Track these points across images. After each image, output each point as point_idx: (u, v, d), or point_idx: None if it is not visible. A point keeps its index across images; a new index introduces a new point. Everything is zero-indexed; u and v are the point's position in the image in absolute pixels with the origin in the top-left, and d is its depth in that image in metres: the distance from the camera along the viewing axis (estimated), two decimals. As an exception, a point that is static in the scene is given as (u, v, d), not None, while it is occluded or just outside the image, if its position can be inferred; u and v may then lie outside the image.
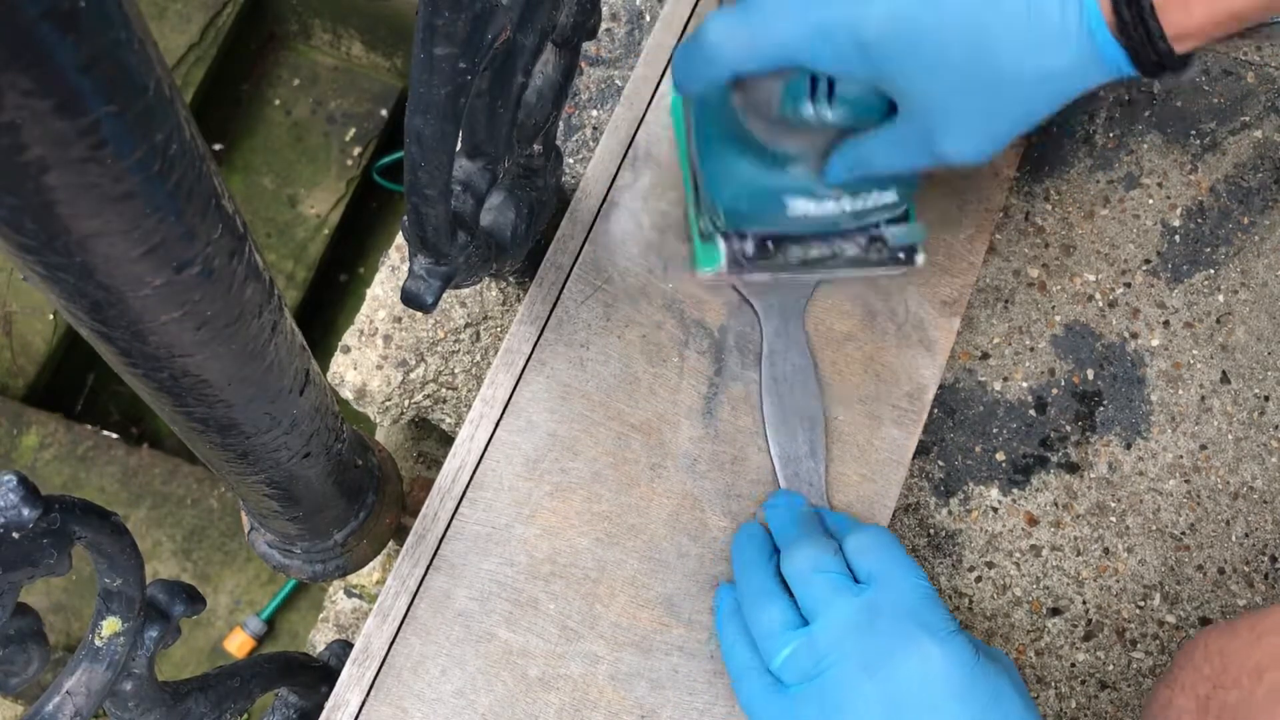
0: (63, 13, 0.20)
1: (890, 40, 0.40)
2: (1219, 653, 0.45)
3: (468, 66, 0.36)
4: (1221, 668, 0.44)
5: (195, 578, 1.46)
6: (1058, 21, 0.38)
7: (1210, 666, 0.45)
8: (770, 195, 0.50)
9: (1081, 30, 0.38)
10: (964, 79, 0.40)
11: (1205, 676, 0.44)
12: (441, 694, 0.51)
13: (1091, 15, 0.38)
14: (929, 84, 0.41)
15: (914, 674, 0.44)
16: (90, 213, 0.24)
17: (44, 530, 0.32)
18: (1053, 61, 0.39)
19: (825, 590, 0.46)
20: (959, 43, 0.40)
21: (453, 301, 0.64)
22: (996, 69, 0.40)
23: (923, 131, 0.43)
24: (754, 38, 0.42)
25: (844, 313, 0.56)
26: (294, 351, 0.38)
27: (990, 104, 0.41)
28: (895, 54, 0.40)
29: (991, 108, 0.41)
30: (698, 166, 0.53)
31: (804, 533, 0.50)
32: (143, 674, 0.43)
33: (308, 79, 1.73)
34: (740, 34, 0.43)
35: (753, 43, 0.42)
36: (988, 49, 0.39)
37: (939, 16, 0.40)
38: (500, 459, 0.54)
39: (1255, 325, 0.61)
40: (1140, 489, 0.59)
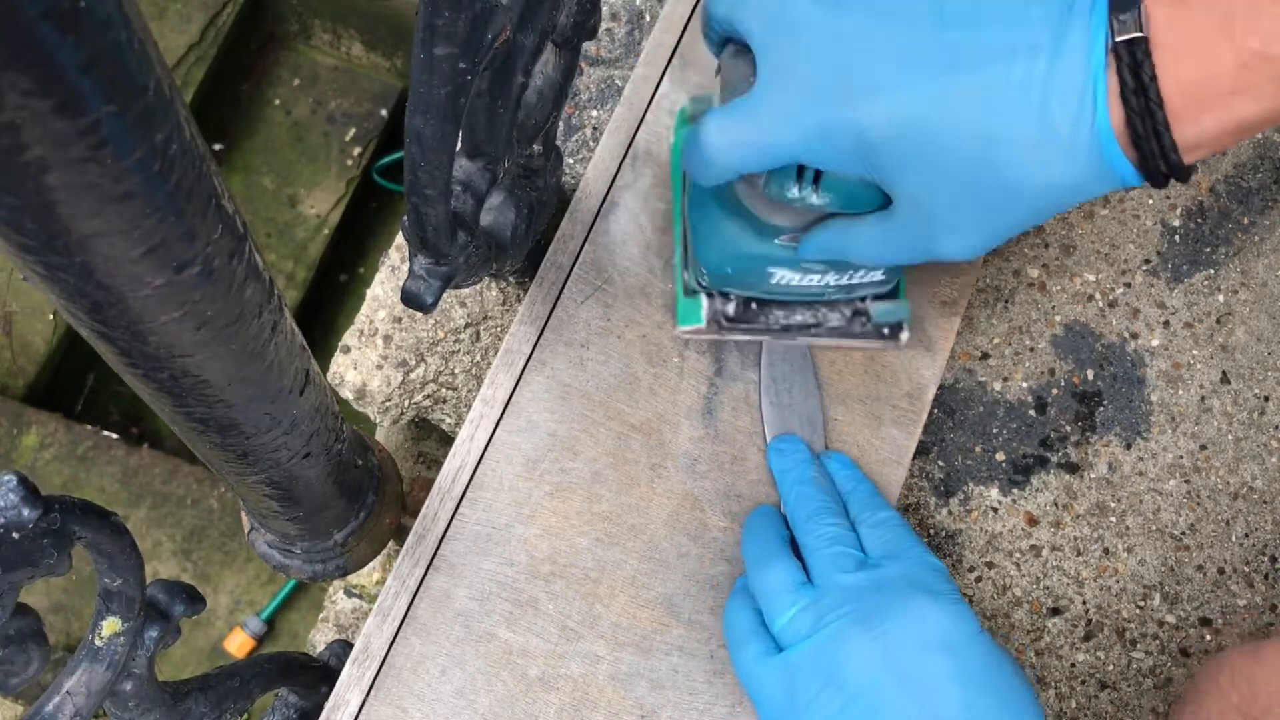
0: (63, 13, 0.20)
1: (893, 142, 0.39)
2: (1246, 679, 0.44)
3: (468, 66, 0.36)
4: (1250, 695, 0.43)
5: (195, 578, 1.46)
6: (1068, 135, 0.38)
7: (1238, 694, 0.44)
8: (755, 261, 0.49)
9: (1092, 144, 0.37)
10: (967, 184, 0.40)
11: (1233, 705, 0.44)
12: (441, 694, 0.51)
13: (1103, 129, 0.37)
14: (930, 186, 0.40)
15: (913, 631, 0.44)
16: (90, 213, 0.24)
17: (44, 530, 0.32)
18: (1061, 173, 0.38)
19: (838, 560, 0.47)
20: (964, 149, 0.39)
21: (453, 301, 0.64)
22: (1001, 177, 0.39)
23: (918, 228, 0.42)
24: (753, 142, 0.41)
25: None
26: (294, 351, 0.38)
27: (993, 207, 0.40)
28: (897, 155, 0.40)
29: (994, 211, 0.40)
30: (688, 220, 0.53)
31: (819, 503, 0.50)
32: (143, 674, 0.43)
33: (308, 79, 1.73)
34: (739, 138, 0.42)
35: (752, 147, 0.42)
36: (993, 157, 0.38)
37: (944, 123, 0.39)
38: (500, 459, 0.54)
39: (1255, 325, 0.61)
40: (1140, 489, 0.59)
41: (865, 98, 0.39)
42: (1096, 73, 0.37)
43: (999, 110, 0.38)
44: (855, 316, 0.53)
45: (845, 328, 0.53)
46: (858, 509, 0.50)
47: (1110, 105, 0.37)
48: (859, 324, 0.53)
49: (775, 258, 0.49)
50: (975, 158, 0.39)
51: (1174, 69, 0.36)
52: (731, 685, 0.52)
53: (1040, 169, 0.38)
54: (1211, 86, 0.36)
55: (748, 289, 0.52)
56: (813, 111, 0.40)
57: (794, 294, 0.52)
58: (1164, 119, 0.37)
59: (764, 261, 0.49)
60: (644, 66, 0.59)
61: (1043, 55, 0.37)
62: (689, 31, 0.60)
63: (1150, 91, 0.36)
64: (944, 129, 0.39)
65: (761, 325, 0.53)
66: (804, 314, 0.53)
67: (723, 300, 0.53)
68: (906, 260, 0.44)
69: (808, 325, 0.53)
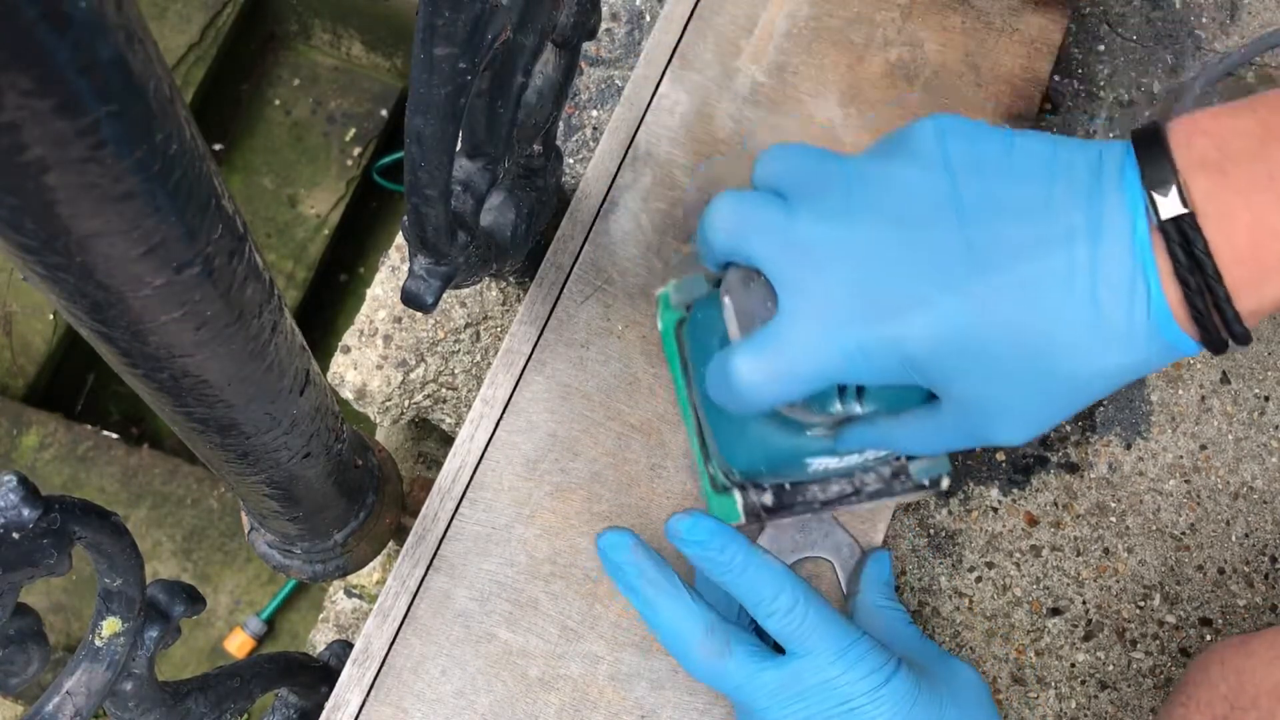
0: (63, 13, 0.20)
1: (938, 354, 0.37)
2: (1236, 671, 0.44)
3: (468, 66, 0.36)
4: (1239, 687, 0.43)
5: (195, 578, 1.46)
6: (1124, 323, 0.36)
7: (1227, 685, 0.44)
8: (790, 456, 0.47)
9: (1151, 328, 0.36)
10: (1020, 382, 0.38)
11: (1222, 695, 0.44)
12: (441, 694, 0.51)
13: (1160, 313, 0.35)
14: (982, 388, 0.38)
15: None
16: (90, 213, 0.24)
17: (44, 530, 0.32)
18: (1117, 360, 0.36)
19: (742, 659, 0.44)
20: (1014, 351, 0.37)
21: (453, 301, 0.64)
22: (1056, 371, 0.37)
23: (968, 424, 0.40)
24: (790, 374, 0.39)
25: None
26: (294, 351, 0.38)
27: (1047, 399, 0.38)
28: (944, 365, 0.37)
29: (1048, 401, 0.39)
30: (703, 417, 0.51)
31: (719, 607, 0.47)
32: (143, 674, 0.43)
33: (308, 79, 1.73)
34: (774, 372, 0.39)
35: (790, 379, 0.39)
36: (1047, 355, 0.37)
37: (988, 327, 0.36)
38: (500, 459, 0.54)
39: (1255, 325, 0.61)
40: (1140, 489, 0.59)
41: (898, 314, 0.37)
42: (1144, 254, 0.35)
43: (1044, 307, 0.36)
44: (895, 477, 0.51)
45: (886, 489, 0.51)
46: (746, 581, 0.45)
47: (1166, 286, 0.35)
48: (899, 484, 0.51)
49: (813, 450, 0.47)
50: (1027, 357, 0.37)
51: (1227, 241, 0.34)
52: (731, 685, 0.52)
53: (1098, 359, 0.36)
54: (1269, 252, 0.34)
55: (783, 478, 0.50)
56: (848, 334, 0.38)
57: (831, 474, 0.50)
58: (1225, 293, 0.35)
59: (800, 455, 0.47)
60: (644, 66, 0.59)
61: (1080, 241, 0.36)
62: (689, 31, 0.60)
63: (1207, 268, 0.34)
64: (988, 334, 0.37)
65: (801, 505, 0.51)
66: (841, 485, 0.51)
67: (757, 492, 0.51)
68: (955, 448, 0.42)
69: (847, 495, 0.51)
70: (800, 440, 0.46)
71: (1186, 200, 0.35)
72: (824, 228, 0.38)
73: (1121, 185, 0.36)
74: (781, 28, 0.60)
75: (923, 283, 0.37)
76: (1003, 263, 0.36)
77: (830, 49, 0.59)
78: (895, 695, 0.43)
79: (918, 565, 0.58)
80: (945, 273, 0.37)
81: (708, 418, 0.51)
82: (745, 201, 0.41)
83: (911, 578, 0.57)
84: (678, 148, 0.58)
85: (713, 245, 0.42)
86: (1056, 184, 0.36)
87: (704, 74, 0.59)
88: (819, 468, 0.48)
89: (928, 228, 0.37)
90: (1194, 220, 0.34)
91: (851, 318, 0.38)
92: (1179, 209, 0.35)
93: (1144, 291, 0.35)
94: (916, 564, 0.58)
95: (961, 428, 0.40)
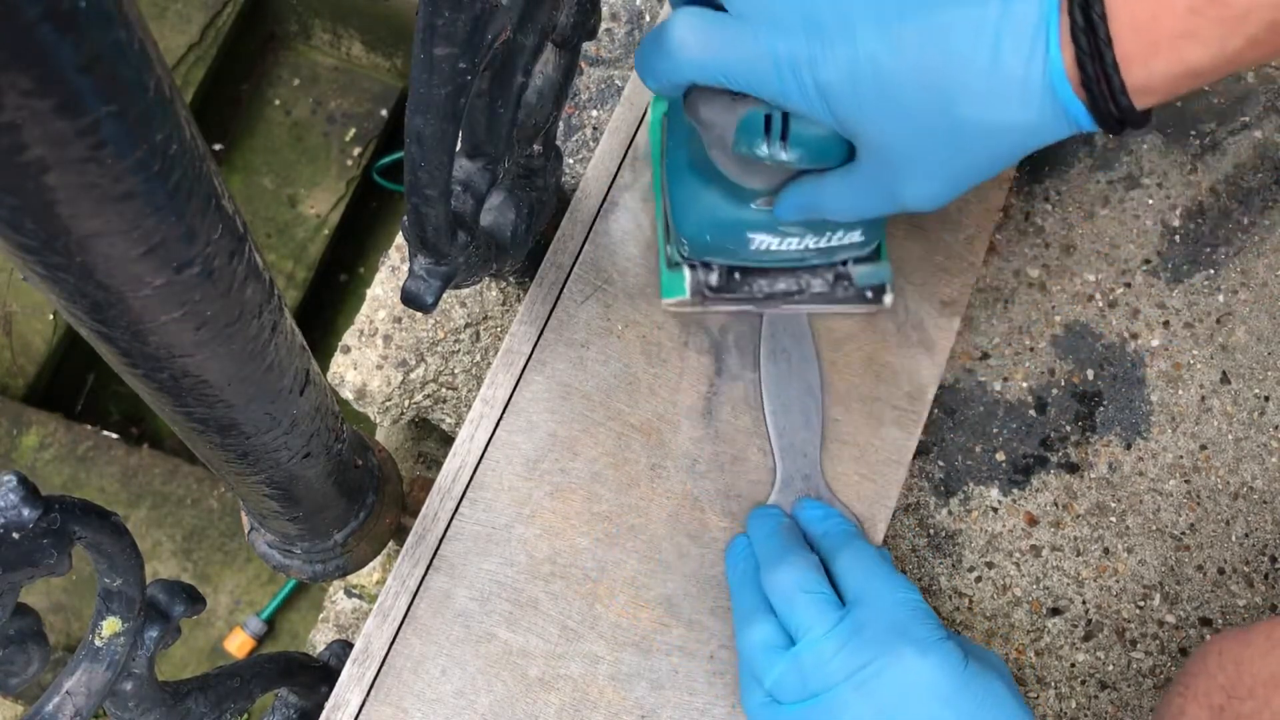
0: (63, 13, 0.20)
1: (850, 85, 0.39)
2: (1234, 661, 0.44)
3: (468, 66, 0.36)
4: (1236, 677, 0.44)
5: (195, 578, 1.46)
6: (1021, 76, 0.37)
7: (1224, 675, 0.44)
8: (733, 227, 0.49)
9: (1045, 85, 0.37)
10: (925, 127, 0.40)
11: (1219, 685, 0.44)
12: (441, 694, 0.51)
13: (1055, 70, 0.37)
14: (889, 130, 0.40)
15: (901, 686, 0.44)
16: (90, 213, 0.24)
17: (44, 530, 0.32)
18: (1015, 115, 0.38)
19: (808, 611, 0.46)
20: (921, 92, 0.39)
21: (453, 301, 0.64)
22: (959, 119, 0.39)
23: (881, 176, 0.42)
24: (718, 44, 0.41)
25: (844, 312, 0.56)
26: (294, 351, 0.38)
27: (951, 153, 0.40)
28: (854, 99, 0.39)
29: (952, 156, 0.41)
30: (667, 193, 0.53)
31: (784, 550, 0.49)
32: (143, 674, 0.43)
33: (308, 79, 1.73)
34: (704, 39, 0.41)
35: (713, 51, 0.41)
36: (950, 99, 0.38)
37: (901, 65, 0.39)
38: (500, 459, 0.54)
39: (1255, 325, 0.61)
40: (1140, 489, 0.59)
41: (824, 40, 0.39)
42: (1049, 13, 0.37)
43: (952, 53, 0.38)
44: (838, 281, 0.53)
45: (829, 293, 0.54)
46: (829, 548, 0.50)
47: (1063, 46, 0.37)
48: (841, 288, 0.53)
49: (752, 222, 0.49)
50: (930, 101, 0.39)
51: (1124, 9, 0.36)
52: (731, 685, 0.52)
53: (994, 110, 0.38)
54: (1161, 29, 0.36)
55: (728, 257, 0.52)
56: (777, 41, 0.40)
57: (775, 260, 0.52)
58: (1113, 60, 0.36)
59: (742, 226, 0.49)
60: (644, 66, 0.59)
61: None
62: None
63: (1100, 31, 0.36)
64: (898, 74, 0.39)
65: (745, 294, 0.53)
66: (787, 281, 0.53)
67: (705, 270, 0.53)
68: (876, 212, 0.44)
69: (791, 292, 0.54)
70: (743, 212, 0.49)
71: None
72: None
73: None
74: (781, 28, 0.60)
75: (852, 18, 0.39)
76: (923, 9, 0.38)
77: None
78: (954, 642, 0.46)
79: (917, 565, 0.58)
80: (873, 13, 0.39)
81: (670, 190, 0.52)
82: None
83: (911, 578, 0.57)
84: (678, 148, 0.58)
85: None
86: None
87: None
88: (760, 246, 0.50)
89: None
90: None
91: (785, 33, 0.40)
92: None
93: (1042, 48, 0.37)
94: (916, 564, 0.58)
95: (876, 182, 0.42)
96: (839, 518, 0.52)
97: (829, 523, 0.52)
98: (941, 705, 0.43)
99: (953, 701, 0.43)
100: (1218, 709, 0.44)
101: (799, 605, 0.47)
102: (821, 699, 0.44)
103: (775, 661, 0.46)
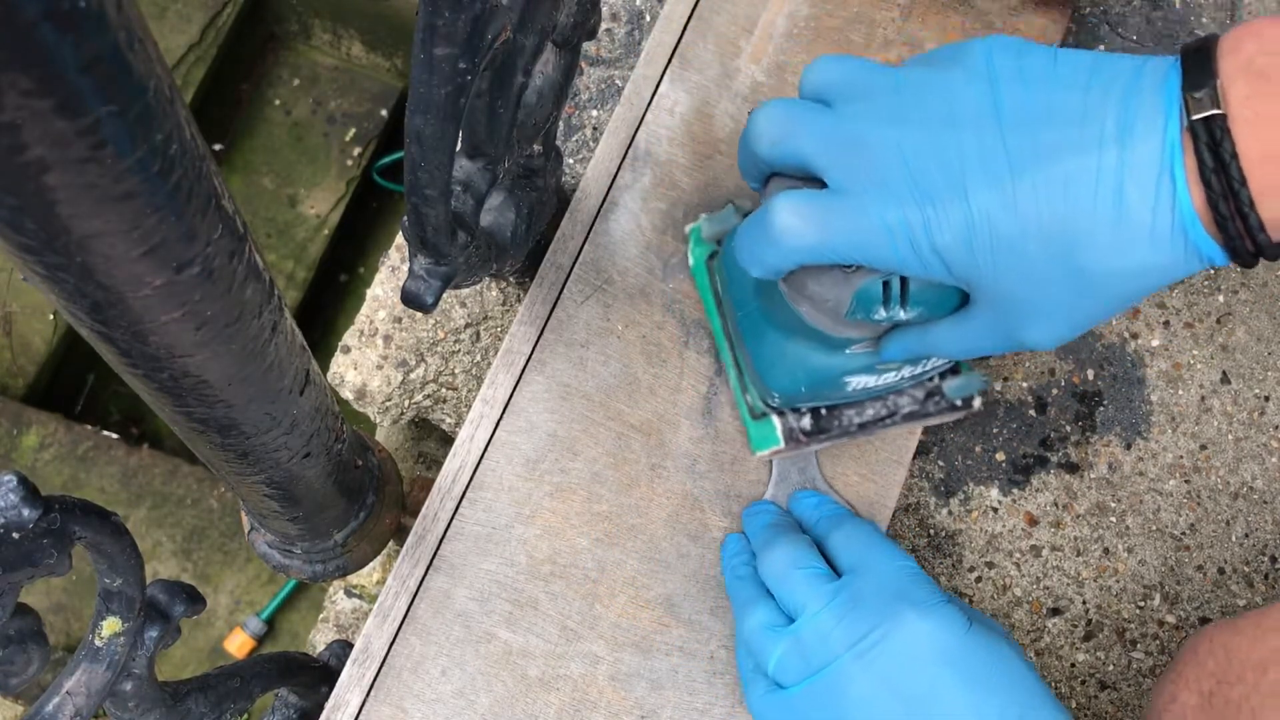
0: (63, 13, 0.20)
1: (967, 244, 0.38)
2: (1223, 648, 0.45)
3: (468, 66, 0.36)
4: (1225, 663, 0.44)
5: (195, 578, 1.46)
6: (1149, 222, 0.36)
7: (1214, 662, 0.44)
8: (830, 375, 0.48)
9: (1175, 231, 0.36)
10: (1048, 277, 0.38)
11: (1209, 672, 0.44)
12: (441, 694, 0.51)
13: (1186, 214, 0.36)
14: (1009, 282, 0.39)
15: (904, 649, 0.43)
16: (90, 213, 0.24)
17: (44, 530, 0.32)
18: (1143, 260, 0.37)
19: (802, 586, 0.46)
20: (1042, 245, 0.37)
21: (453, 301, 0.64)
22: (1083, 267, 0.38)
23: (1000, 322, 0.41)
24: (825, 226, 0.39)
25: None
26: (294, 351, 0.38)
27: (1075, 298, 0.39)
28: (972, 256, 0.38)
29: (1076, 301, 0.39)
30: (739, 345, 0.52)
31: (777, 535, 0.50)
32: (143, 674, 0.43)
33: (308, 79, 1.73)
34: (811, 221, 0.40)
35: (825, 234, 0.39)
36: (1074, 248, 0.37)
37: (1019, 221, 0.37)
38: (500, 459, 0.54)
39: (1255, 325, 0.61)
40: (1140, 489, 0.59)
41: (936, 203, 0.38)
42: (1173, 154, 0.35)
43: (1073, 204, 0.37)
44: (929, 398, 0.52)
45: (920, 410, 0.52)
46: (823, 531, 0.50)
47: (1191, 187, 0.35)
48: (933, 404, 0.52)
49: (851, 368, 0.47)
50: (1052, 253, 0.37)
51: (1253, 143, 0.34)
52: (731, 685, 0.52)
53: (1121, 258, 0.37)
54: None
55: (822, 400, 0.51)
56: (889, 212, 0.38)
57: (869, 394, 0.51)
58: (1248, 198, 0.35)
59: (840, 374, 0.48)
60: (644, 66, 0.59)
61: (1111, 144, 0.36)
62: (689, 31, 0.60)
63: (1231, 170, 0.34)
64: (1018, 229, 0.37)
65: (838, 429, 0.52)
66: (876, 408, 0.52)
67: (795, 416, 0.52)
68: (991, 351, 0.43)
69: (882, 417, 0.52)
70: (839, 359, 0.47)
71: (1220, 101, 0.35)
72: (872, 126, 0.39)
73: (1160, 89, 0.36)
74: (781, 28, 0.60)
75: (963, 179, 0.38)
76: (1037, 164, 0.37)
77: (830, 49, 0.59)
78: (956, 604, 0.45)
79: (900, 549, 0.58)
80: (984, 172, 0.38)
81: (747, 344, 0.51)
82: (793, 106, 0.41)
83: (911, 578, 0.57)
84: (678, 148, 0.58)
85: (757, 151, 0.42)
86: (1095, 92, 0.37)
87: (704, 74, 0.59)
88: (857, 387, 0.49)
89: (970, 130, 0.38)
90: (1224, 121, 0.35)
91: (895, 200, 0.38)
92: (1211, 110, 0.35)
93: (1169, 191, 0.36)
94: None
95: (995, 327, 0.41)
96: (832, 503, 0.53)
97: (823, 509, 0.52)
98: (947, 667, 0.43)
99: (958, 662, 0.43)
100: (1207, 694, 0.44)
101: (794, 583, 0.47)
102: (824, 674, 0.44)
103: (777, 641, 0.46)
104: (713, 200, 0.57)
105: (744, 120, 0.59)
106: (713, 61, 0.59)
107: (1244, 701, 0.42)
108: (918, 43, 0.59)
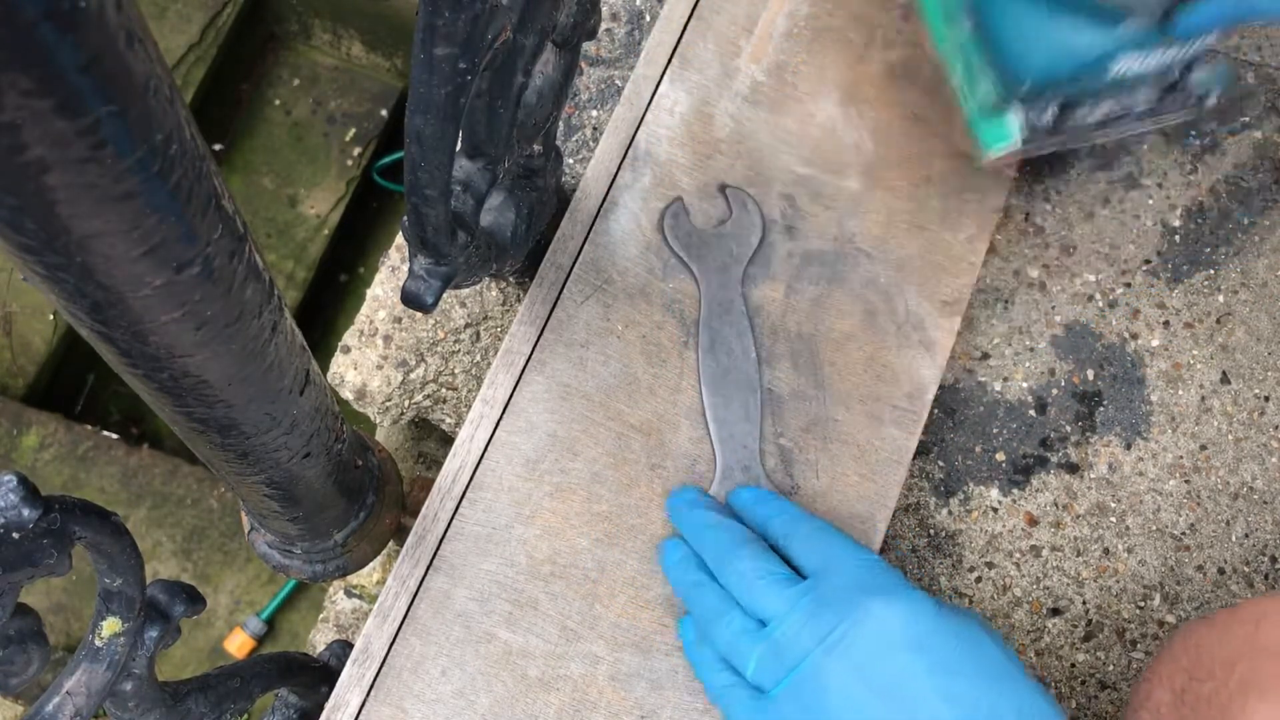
0: (63, 13, 0.20)
1: None
2: (1196, 645, 0.45)
3: (468, 66, 0.36)
4: (1197, 659, 0.44)
5: (195, 578, 1.46)
6: None
7: (1187, 658, 0.45)
8: (1096, 57, 0.43)
9: None
10: None
11: (1182, 668, 0.45)
12: (441, 694, 0.51)
13: None
14: None
15: (872, 639, 0.43)
16: (90, 213, 0.24)
17: (44, 530, 0.32)
18: None
19: (771, 593, 0.46)
20: None
21: (453, 302, 0.64)
22: None
23: None
24: None
25: (844, 312, 0.56)
26: (294, 351, 0.38)
27: None
28: None
29: None
30: (980, 33, 0.47)
31: (732, 544, 0.49)
32: (143, 674, 0.43)
33: (308, 79, 1.73)
34: None
35: None
36: None
37: None
38: (500, 459, 0.54)
39: (1255, 325, 0.61)
40: (1140, 489, 0.59)
41: None
42: None
43: None
44: (1168, 92, 0.47)
45: (1154, 108, 0.48)
46: (779, 532, 0.49)
47: None
48: (1170, 100, 0.47)
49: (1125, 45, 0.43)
50: None
51: None
52: (731, 685, 0.52)
53: None
54: None
55: (1074, 88, 0.46)
56: None
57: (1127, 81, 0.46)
58: None
59: (1108, 54, 0.43)
60: (644, 66, 0.59)
61: None
62: (689, 31, 0.60)
63: None
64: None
65: (1072, 127, 0.48)
66: (1109, 105, 0.47)
67: (1038, 108, 0.47)
68: None
69: (1116, 117, 0.48)
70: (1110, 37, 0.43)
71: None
72: None
73: None
74: (781, 27, 0.60)
75: None
76: None
77: (830, 49, 0.59)
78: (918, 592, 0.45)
79: (918, 565, 0.58)
80: None
81: (993, 26, 0.46)
82: None
83: (911, 578, 0.57)
84: (678, 148, 0.58)
85: None
86: None
87: (704, 74, 0.59)
88: (1120, 70, 0.44)
89: None
90: None
91: None
92: None
93: None
94: (916, 564, 0.58)
95: None
96: (775, 498, 0.52)
97: (770, 505, 0.51)
98: (915, 652, 0.43)
99: (926, 646, 0.43)
100: (1180, 691, 0.44)
101: (761, 592, 0.46)
102: (799, 672, 0.44)
103: (754, 645, 0.46)
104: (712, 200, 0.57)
105: (744, 120, 0.59)
106: (713, 61, 0.59)
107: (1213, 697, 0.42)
108: (917, 42, 0.59)
